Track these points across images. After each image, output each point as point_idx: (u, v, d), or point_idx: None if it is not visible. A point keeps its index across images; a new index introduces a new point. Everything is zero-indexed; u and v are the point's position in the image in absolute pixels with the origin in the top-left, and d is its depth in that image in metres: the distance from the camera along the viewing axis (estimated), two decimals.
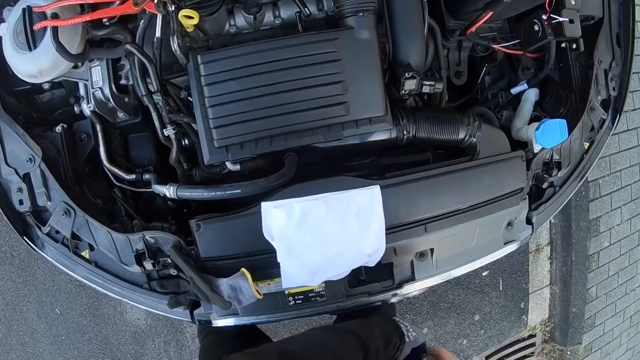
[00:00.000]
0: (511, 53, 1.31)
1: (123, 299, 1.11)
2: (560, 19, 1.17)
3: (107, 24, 1.04)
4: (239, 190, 0.98)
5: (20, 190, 1.06)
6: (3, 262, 2.17)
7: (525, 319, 2.51)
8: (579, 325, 2.53)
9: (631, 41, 1.29)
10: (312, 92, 0.97)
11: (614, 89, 1.30)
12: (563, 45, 1.28)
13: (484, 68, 1.38)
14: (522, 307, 2.48)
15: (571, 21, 1.18)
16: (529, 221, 1.24)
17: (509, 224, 1.18)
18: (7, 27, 1.05)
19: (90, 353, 2.25)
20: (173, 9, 0.95)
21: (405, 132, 1.09)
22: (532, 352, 2.63)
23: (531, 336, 2.60)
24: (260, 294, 0.98)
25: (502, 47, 1.29)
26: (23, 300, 2.21)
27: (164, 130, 1.06)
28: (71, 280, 2.14)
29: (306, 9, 1.08)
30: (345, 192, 0.97)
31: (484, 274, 2.34)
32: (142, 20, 1.01)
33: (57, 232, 1.07)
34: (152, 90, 1.01)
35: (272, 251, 0.97)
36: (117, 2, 0.98)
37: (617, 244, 2.53)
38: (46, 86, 1.17)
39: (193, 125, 1.06)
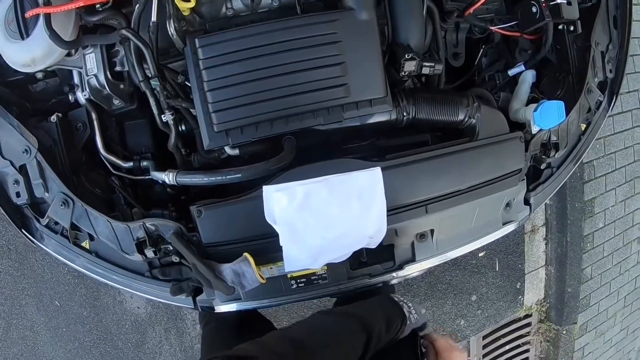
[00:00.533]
0: (508, 35, 1.31)
1: (125, 288, 1.11)
2: (558, 1, 1.16)
3: (101, 9, 1.02)
4: (239, 175, 0.97)
5: (16, 182, 1.04)
6: (0, 256, 2.15)
7: (522, 299, 2.55)
8: (574, 305, 2.58)
9: (628, 23, 1.29)
10: (312, 74, 0.96)
11: (610, 71, 1.30)
12: (560, 27, 1.27)
13: (481, 50, 1.37)
14: (518, 287, 2.52)
15: (569, 3, 1.17)
16: (526, 202, 1.25)
17: (508, 204, 1.19)
18: None
19: (91, 344, 2.25)
20: None
21: (405, 114, 1.09)
22: (528, 332, 2.68)
23: (527, 316, 2.65)
24: (263, 279, 0.98)
25: (499, 28, 1.28)
26: (22, 293, 2.20)
27: (162, 116, 1.05)
28: (70, 272, 2.14)
29: None
30: (347, 174, 0.97)
31: (480, 254, 2.37)
32: (137, 5, 0.99)
33: (56, 223, 1.06)
34: (150, 75, 1.00)
35: (274, 235, 0.97)
36: None
37: (611, 225, 2.57)
38: (39, 75, 1.15)
39: (191, 110, 1.05)
